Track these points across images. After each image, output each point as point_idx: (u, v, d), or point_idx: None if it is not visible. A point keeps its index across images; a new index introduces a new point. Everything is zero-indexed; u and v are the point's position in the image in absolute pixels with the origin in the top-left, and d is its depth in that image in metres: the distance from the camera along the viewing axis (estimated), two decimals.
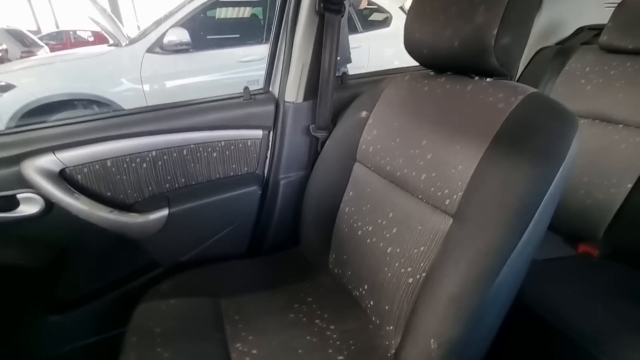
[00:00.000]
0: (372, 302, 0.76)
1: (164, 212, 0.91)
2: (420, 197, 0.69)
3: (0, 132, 0.81)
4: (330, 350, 0.69)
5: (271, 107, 1.01)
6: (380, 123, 0.81)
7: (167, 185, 0.96)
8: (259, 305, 0.80)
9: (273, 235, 1.08)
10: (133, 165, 0.89)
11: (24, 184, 0.77)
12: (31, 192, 0.79)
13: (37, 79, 2.63)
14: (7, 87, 2.49)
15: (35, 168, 0.77)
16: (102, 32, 2.89)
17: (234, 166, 1.04)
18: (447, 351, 0.55)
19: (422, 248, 0.65)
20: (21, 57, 4.55)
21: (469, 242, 0.56)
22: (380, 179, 0.79)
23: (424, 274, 0.64)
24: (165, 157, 0.92)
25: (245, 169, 1.06)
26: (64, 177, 0.82)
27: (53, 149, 0.80)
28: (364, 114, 0.85)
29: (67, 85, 2.58)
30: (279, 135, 1.02)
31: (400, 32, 0.74)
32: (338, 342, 0.71)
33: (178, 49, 2.74)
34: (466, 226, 0.58)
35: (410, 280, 0.66)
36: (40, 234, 0.85)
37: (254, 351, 0.68)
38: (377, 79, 1.12)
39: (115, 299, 0.96)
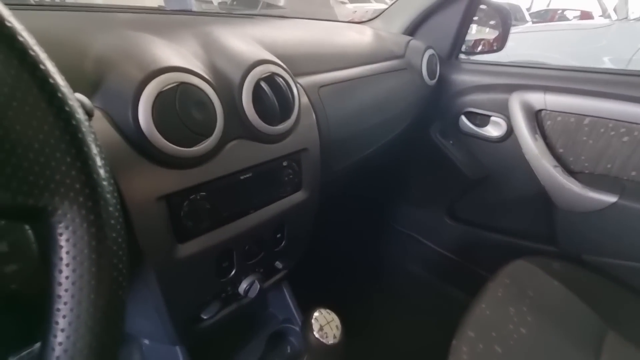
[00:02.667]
0: None
1: (610, 197, 0.74)
2: None
3: (496, 63, 0.95)
4: None
5: None
6: None
7: (634, 174, 0.75)
8: None
9: None
10: (612, 133, 0.75)
11: (502, 109, 0.88)
12: (502, 118, 0.89)
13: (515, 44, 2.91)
14: None
15: (521, 100, 0.84)
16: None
17: None
18: None
19: None
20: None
21: None
22: None
23: None
24: None
25: None
26: (536, 117, 0.84)
27: (545, 89, 0.82)
28: None
29: (542, 54, 2.67)
30: None
31: None
32: None
33: None
34: None
35: None
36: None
37: None
38: None
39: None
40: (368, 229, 1.32)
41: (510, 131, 0.89)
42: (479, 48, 1.05)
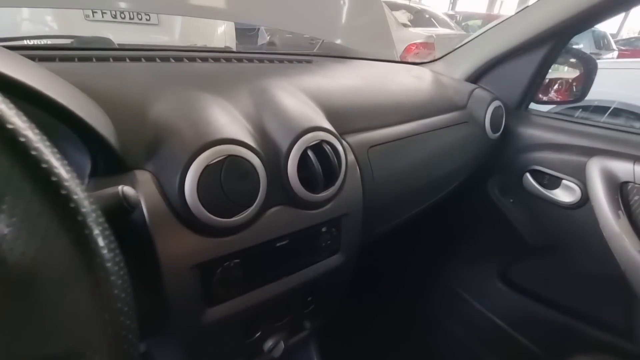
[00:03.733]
0: None
1: None
2: None
3: (575, 120, 0.83)
4: None
5: None
6: None
7: None
8: None
9: None
10: None
11: (578, 174, 0.77)
12: (576, 184, 0.78)
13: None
14: None
15: (602, 167, 0.73)
16: None
17: None
18: None
19: None
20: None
21: None
22: None
23: None
24: None
25: None
26: (621, 189, 0.72)
27: (636, 159, 0.70)
28: None
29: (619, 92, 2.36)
30: None
31: None
32: None
33: None
34: None
35: None
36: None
37: None
38: None
39: None
40: (408, 280, 1.24)
41: (585, 199, 0.78)
42: (552, 92, 0.94)
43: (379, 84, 0.73)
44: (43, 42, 1.11)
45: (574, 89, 0.91)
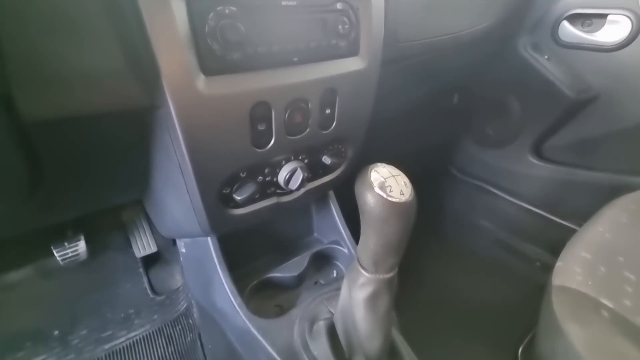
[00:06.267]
0: None
1: None
2: None
3: None
4: None
5: None
6: None
7: None
8: None
9: None
10: None
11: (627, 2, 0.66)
12: (625, 15, 0.67)
13: None
14: None
15: None
16: None
17: None
18: None
19: None
20: None
21: None
22: None
23: None
24: None
25: None
26: None
27: None
28: None
29: None
30: None
31: None
32: None
33: None
34: None
35: None
36: None
37: None
38: None
39: None
40: (422, 173, 1.14)
41: (635, 34, 0.67)
42: None
43: None
44: None
45: None
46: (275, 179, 0.47)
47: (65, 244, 0.66)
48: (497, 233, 1.00)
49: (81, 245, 0.68)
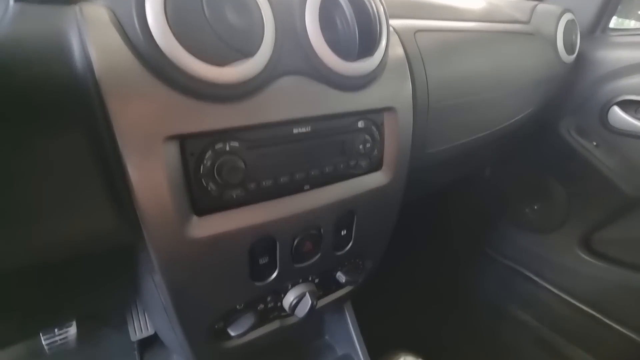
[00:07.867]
0: None
1: None
2: None
3: None
4: None
5: None
6: None
7: None
8: None
9: None
10: None
11: None
12: None
13: None
14: None
15: None
16: None
17: None
18: None
19: None
20: None
21: None
22: None
23: None
24: None
25: None
26: None
27: None
28: None
29: None
30: None
31: None
32: None
33: None
34: None
35: None
36: None
37: None
38: None
39: None
40: (459, 254, 1.05)
41: None
42: None
43: None
44: None
45: None
46: (279, 304, 0.40)
47: (56, 330, 0.62)
48: (538, 330, 0.86)
49: (71, 332, 0.63)
